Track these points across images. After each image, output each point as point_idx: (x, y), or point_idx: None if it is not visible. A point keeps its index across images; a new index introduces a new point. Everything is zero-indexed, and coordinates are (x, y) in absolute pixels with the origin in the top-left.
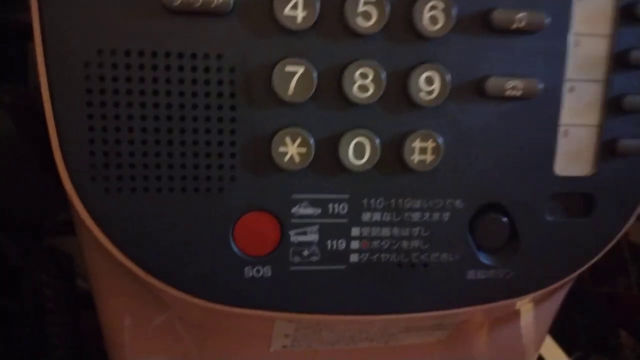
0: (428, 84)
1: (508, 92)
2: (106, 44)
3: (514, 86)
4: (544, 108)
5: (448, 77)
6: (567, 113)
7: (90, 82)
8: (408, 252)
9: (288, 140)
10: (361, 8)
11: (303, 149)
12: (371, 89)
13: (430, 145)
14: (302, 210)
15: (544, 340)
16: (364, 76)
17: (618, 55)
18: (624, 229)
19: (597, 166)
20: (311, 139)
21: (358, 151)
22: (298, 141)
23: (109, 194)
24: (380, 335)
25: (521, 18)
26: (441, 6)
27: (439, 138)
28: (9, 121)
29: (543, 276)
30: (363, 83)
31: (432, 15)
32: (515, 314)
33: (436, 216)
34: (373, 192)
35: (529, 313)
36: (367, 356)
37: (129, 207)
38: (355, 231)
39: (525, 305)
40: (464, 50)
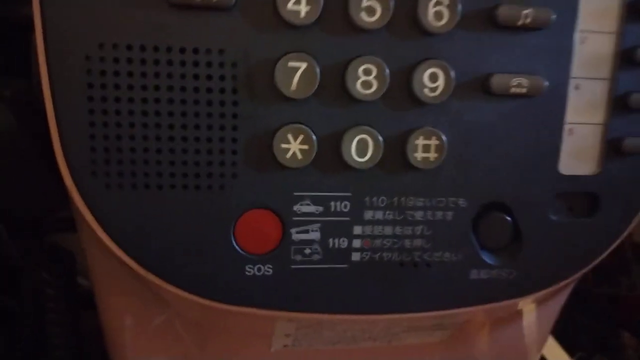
0: (432, 81)
1: (513, 90)
2: (107, 38)
3: (519, 83)
4: (549, 106)
5: (452, 74)
6: (573, 111)
7: (91, 77)
8: (410, 251)
9: (290, 136)
10: (365, 3)
11: (305, 146)
12: (375, 86)
13: (433, 142)
14: (304, 208)
15: (546, 340)
16: (368, 72)
17: (624, 52)
18: (629, 229)
19: (602, 165)
20: (314, 136)
21: (361, 148)
22: (300, 138)
23: (110, 190)
24: (381, 335)
25: (527, 14)
26: (446, 2)
27: (443, 136)
28: (10, 116)
29: (547, 276)
30: (366, 79)
31: (437, 10)
32: (517, 314)
33: (439, 215)
34: (375, 190)
35: (532, 313)
36: (369, 356)
37: (130, 204)
38: (357, 230)
39: (527, 305)
40: (469, 46)
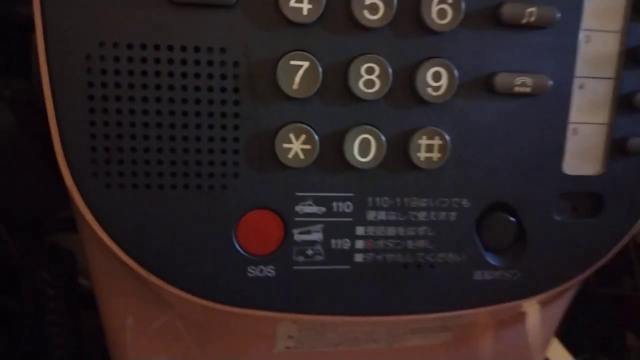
0: (435, 80)
1: (517, 89)
2: (108, 37)
3: (523, 82)
4: (553, 105)
5: (456, 73)
6: (577, 111)
7: (91, 76)
8: (414, 252)
9: (292, 136)
10: (368, 1)
11: (307, 146)
12: (377, 85)
13: (437, 142)
14: (306, 208)
15: (550, 342)
16: (370, 71)
17: (629, 51)
18: (634, 229)
19: (607, 165)
20: (316, 136)
21: (363, 148)
22: (302, 138)
23: (111, 190)
24: (384, 336)
25: (531, 13)
26: (450, 0)
27: (446, 135)
28: (10, 116)
29: (551, 277)
30: (369, 78)
31: (441, 8)
32: (521, 316)
33: (442, 215)
34: (378, 191)
35: (536, 315)
36: (372, 358)
37: (131, 204)
38: (360, 230)
39: (531, 306)
40: (473, 45)
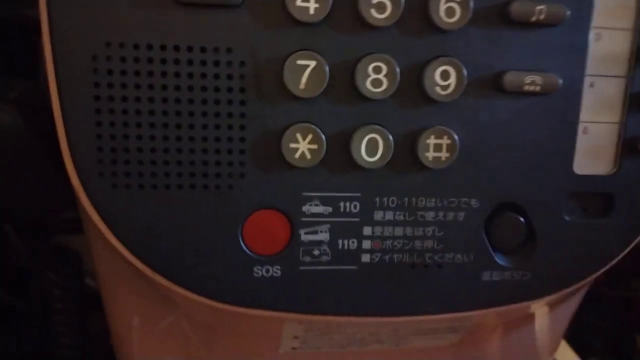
0: (444, 79)
1: (526, 87)
2: (114, 37)
3: (533, 81)
4: (563, 104)
5: (464, 72)
6: (587, 110)
7: (98, 76)
8: (421, 253)
9: (299, 136)
10: None
11: (314, 146)
12: (385, 84)
13: (445, 142)
14: (313, 208)
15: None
16: (378, 70)
17: None
18: None
19: (618, 165)
20: (323, 135)
21: (371, 148)
22: (309, 137)
23: (117, 191)
24: (391, 337)
25: (541, 10)
26: None
27: (455, 135)
28: (17, 117)
29: (561, 278)
30: (377, 77)
31: (449, 7)
32: (529, 318)
33: (451, 216)
34: (386, 191)
35: (544, 317)
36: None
37: (137, 204)
38: (367, 230)
39: (540, 308)
40: (481, 43)
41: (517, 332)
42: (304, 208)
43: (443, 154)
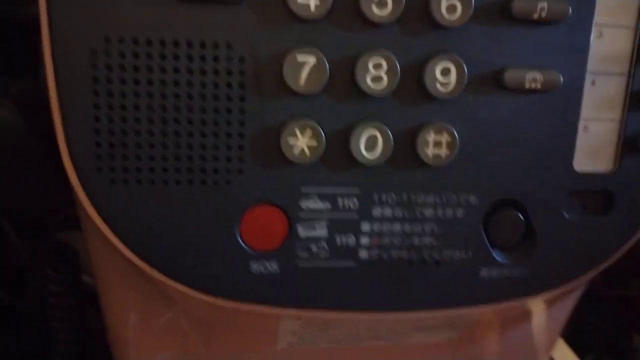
0: (444, 75)
1: (527, 85)
2: (114, 32)
3: (534, 78)
4: (564, 102)
5: (465, 69)
6: (588, 107)
7: (97, 71)
8: (420, 249)
9: (298, 132)
10: None
11: (314, 142)
12: (385, 81)
13: (445, 139)
14: (311, 204)
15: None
16: (378, 67)
17: None
18: None
19: (618, 163)
20: (322, 132)
21: (370, 144)
22: (309, 133)
23: (115, 186)
24: (389, 334)
25: (542, 7)
26: None
27: (455, 132)
28: (16, 114)
29: (559, 275)
30: (377, 74)
31: (450, 4)
32: (527, 315)
33: (449, 212)
34: (385, 187)
35: (542, 314)
36: (375, 356)
37: (135, 200)
38: (365, 227)
39: (537, 306)
40: (483, 40)
41: (515, 330)
42: (302, 204)
43: (443, 151)
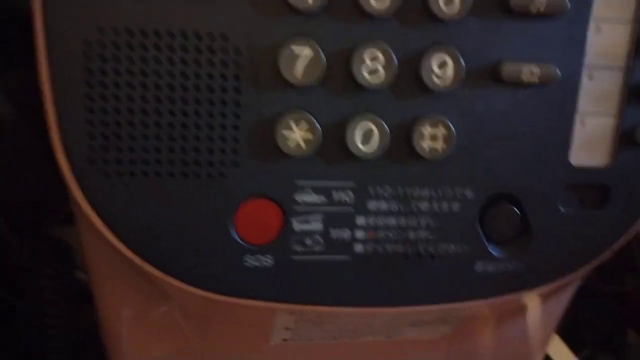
0: (441, 68)
1: (524, 78)
2: (107, 22)
3: (531, 72)
4: (561, 95)
5: (462, 62)
6: (585, 101)
7: (90, 62)
8: (415, 243)
9: (294, 124)
10: None
11: (309, 134)
12: (382, 73)
13: (441, 132)
14: (306, 197)
15: (551, 338)
16: (375, 59)
17: None
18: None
19: (615, 157)
20: (317, 124)
21: (366, 137)
22: (304, 126)
23: (108, 179)
24: (383, 329)
25: (541, 1)
26: None
27: (451, 125)
28: (10, 107)
29: (555, 269)
30: (374, 67)
31: None
32: (522, 311)
33: (445, 206)
34: (380, 180)
35: (537, 310)
36: (370, 351)
37: (128, 192)
38: (360, 220)
39: (533, 300)
40: (480, 33)
41: (510, 325)
42: (297, 197)
43: (439, 144)
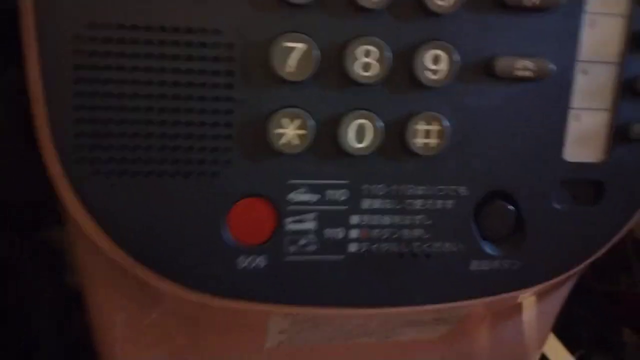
0: (435, 63)
1: (518, 73)
2: (97, 17)
3: (525, 66)
4: (555, 90)
5: (456, 56)
6: (579, 96)
7: (79, 58)
8: (409, 242)
9: (286, 121)
10: None
11: (302, 131)
12: (375, 68)
13: (434, 128)
14: (300, 196)
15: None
16: (368, 54)
17: (635, 35)
18: (634, 218)
19: (609, 152)
20: (311, 121)
21: (359, 134)
22: (297, 123)
23: (96, 178)
24: (380, 330)
25: None
26: None
27: (445, 121)
28: (10, 106)
29: (550, 267)
30: (367, 61)
31: None
32: (518, 310)
33: (439, 204)
34: (374, 178)
35: (532, 309)
36: (366, 353)
37: (117, 192)
38: (354, 219)
39: (528, 300)
40: (474, 28)
41: (506, 325)
42: (290, 196)
43: (432, 141)
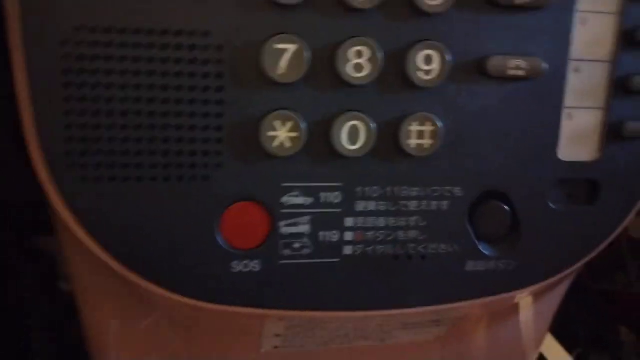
0: (427, 64)
1: (511, 72)
2: (85, 21)
3: (517, 66)
4: (548, 89)
5: (448, 56)
6: (572, 95)
7: (67, 62)
8: (405, 244)
9: (278, 124)
10: None
11: (294, 134)
12: (367, 69)
13: (428, 128)
14: (293, 199)
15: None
16: (360, 55)
17: (626, 33)
18: (630, 217)
19: (603, 150)
20: (303, 123)
21: (352, 136)
22: (289, 125)
23: (87, 184)
24: (376, 333)
25: None
26: None
27: (438, 121)
28: (10, 106)
29: (546, 267)
30: (358, 62)
31: None
32: (515, 311)
33: (434, 205)
34: (368, 180)
35: (529, 309)
36: (363, 356)
37: (108, 198)
38: (349, 222)
39: (525, 300)
40: (466, 27)
41: (503, 326)
42: (284, 199)
43: (426, 141)
